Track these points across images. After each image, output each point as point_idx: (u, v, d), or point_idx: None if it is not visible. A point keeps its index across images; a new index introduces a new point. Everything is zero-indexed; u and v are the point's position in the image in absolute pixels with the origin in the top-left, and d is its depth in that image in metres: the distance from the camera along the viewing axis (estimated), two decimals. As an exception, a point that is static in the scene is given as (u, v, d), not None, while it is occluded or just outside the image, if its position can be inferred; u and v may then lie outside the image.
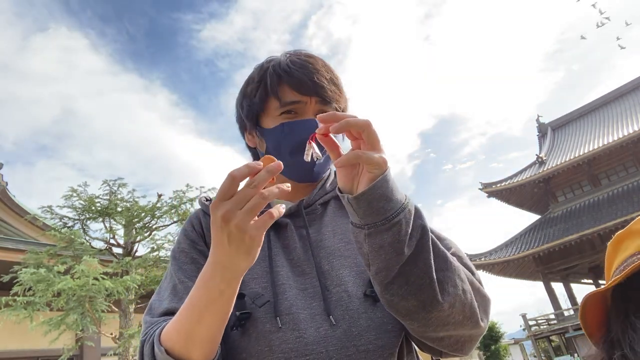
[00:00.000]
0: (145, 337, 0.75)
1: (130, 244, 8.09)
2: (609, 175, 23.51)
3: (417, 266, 0.66)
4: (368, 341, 0.75)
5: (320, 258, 0.85)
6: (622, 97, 26.00)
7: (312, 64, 0.89)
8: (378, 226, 0.63)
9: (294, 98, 0.87)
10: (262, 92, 0.90)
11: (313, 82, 0.86)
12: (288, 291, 0.80)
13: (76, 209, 7.80)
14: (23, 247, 8.00)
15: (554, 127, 28.20)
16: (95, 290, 6.46)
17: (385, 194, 0.63)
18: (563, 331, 21.40)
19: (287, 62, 0.89)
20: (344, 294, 0.80)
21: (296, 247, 0.87)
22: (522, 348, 28.95)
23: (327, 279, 0.82)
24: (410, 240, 0.65)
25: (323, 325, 0.76)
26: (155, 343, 0.69)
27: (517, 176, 24.58)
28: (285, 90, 0.88)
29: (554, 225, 22.87)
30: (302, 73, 0.87)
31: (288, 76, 0.87)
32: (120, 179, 8.08)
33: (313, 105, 0.88)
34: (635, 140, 21.00)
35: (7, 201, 11.48)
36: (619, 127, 22.76)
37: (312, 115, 0.88)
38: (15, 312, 6.48)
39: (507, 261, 22.46)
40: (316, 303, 0.79)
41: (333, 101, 0.89)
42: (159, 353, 0.68)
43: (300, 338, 0.75)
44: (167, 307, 0.80)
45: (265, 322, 0.77)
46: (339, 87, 0.92)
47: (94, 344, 8.11)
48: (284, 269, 0.84)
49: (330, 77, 0.90)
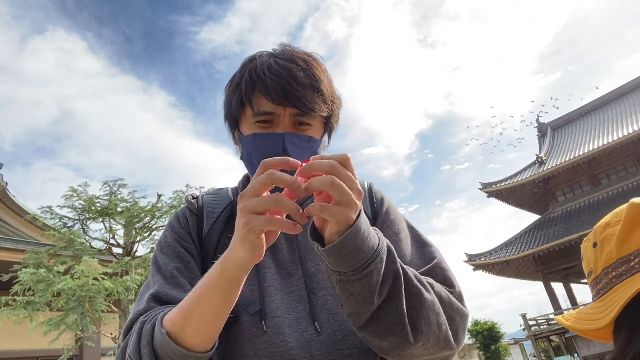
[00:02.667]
0: (145, 318, 0.73)
1: (130, 244, 8.09)
2: (609, 176, 23.50)
3: (389, 312, 0.65)
4: (352, 345, 0.76)
5: (307, 260, 0.85)
6: (622, 98, 25.99)
7: (288, 70, 0.82)
8: (349, 276, 0.61)
9: (267, 109, 0.83)
10: (238, 99, 0.87)
11: (287, 93, 0.80)
12: (274, 294, 0.80)
13: (76, 210, 7.80)
14: (23, 247, 8.00)
15: (554, 128, 28.19)
16: (95, 291, 6.46)
17: (355, 245, 0.59)
18: (563, 331, 21.37)
19: (264, 68, 0.83)
20: (329, 298, 0.80)
21: (283, 249, 0.86)
22: (522, 348, 28.94)
23: (314, 282, 0.82)
24: (382, 288, 0.64)
25: (308, 329, 0.77)
26: (157, 324, 0.69)
27: (517, 176, 24.57)
28: (260, 99, 0.83)
29: (554, 226, 22.85)
30: (276, 82, 0.81)
31: (262, 84, 0.82)
32: (121, 179, 8.10)
33: (288, 116, 0.83)
34: (635, 140, 20.98)
35: (7, 201, 11.47)
36: (619, 128, 22.74)
37: (289, 126, 0.84)
38: (15, 312, 6.48)
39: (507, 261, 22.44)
40: (302, 307, 0.79)
41: (312, 111, 0.83)
42: (159, 335, 0.67)
43: (285, 342, 0.75)
44: (154, 292, 0.79)
45: (252, 327, 0.77)
46: (322, 93, 0.85)
47: (94, 344, 8.10)
48: (271, 270, 0.83)
49: (311, 82, 0.83)
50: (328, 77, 0.89)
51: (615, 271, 0.62)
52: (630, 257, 0.60)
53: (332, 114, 0.90)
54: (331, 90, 0.89)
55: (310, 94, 0.83)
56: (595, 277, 0.66)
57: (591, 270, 0.68)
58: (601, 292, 0.64)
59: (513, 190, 24.50)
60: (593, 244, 0.68)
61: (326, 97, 0.86)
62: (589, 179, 23.88)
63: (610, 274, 0.63)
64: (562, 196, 24.98)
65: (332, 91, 0.89)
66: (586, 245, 0.72)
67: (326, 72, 0.89)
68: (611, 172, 23.43)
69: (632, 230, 0.61)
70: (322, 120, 0.90)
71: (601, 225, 0.69)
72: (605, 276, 0.64)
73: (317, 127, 0.89)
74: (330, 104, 0.88)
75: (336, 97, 0.91)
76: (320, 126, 0.90)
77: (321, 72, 0.87)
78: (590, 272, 0.68)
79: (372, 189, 0.98)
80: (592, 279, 0.68)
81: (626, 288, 0.59)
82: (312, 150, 0.87)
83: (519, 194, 25.04)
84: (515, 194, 25.07)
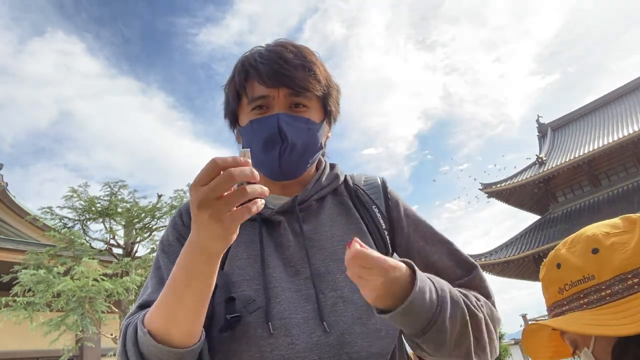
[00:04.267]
0: (129, 320, 0.73)
1: (130, 244, 8.08)
2: (609, 176, 23.48)
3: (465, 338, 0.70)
4: (361, 348, 0.74)
5: (316, 259, 0.82)
6: (622, 98, 25.97)
7: (278, 53, 0.82)
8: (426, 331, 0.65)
9: (260, 92, 0.83)
10: (233, 90, 0.87)
11: (278, 73, 0.81)
12: (281, 294, 0.78)
13: (76, 210, 7.79)
14: (23, 247, 7.98)
15: (554, 128, 28.17)
16: (95, 291, 6.46)
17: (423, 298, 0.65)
18: (563, 332, 21.32)
19: (255, 56, 0.84)
20: (339, 300, 0.78)
21: (290, 245, 0.84)
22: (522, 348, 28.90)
23: (323, 282, 0.80)
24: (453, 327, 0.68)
25: (316, 331, 0.75)
26: (139, 325, 0.68)
27: (517, 176, 24.55)
28: (254, 85, 0.84)
29: (554, 226, 22.83)
30: (267, 65, 0.81)
31: (254, 70, 0.83)
32: (121, 180, 8.09)
33: (282, 97, 0.82)
34: (635, 140, 20.97)
35: (7, 202, 11.47)
36: (619, 128, 22.73)
37: (284, 107, 0.83)
38: (15, 313, 6.48)
39: (507, 261, 22.43)
40: (310, 306, 0.77)
41: (306, 90, 0.83)
42: (141, 335, 0.67)
43: (292, 345, 0.73)
44: (142, 302, 0.78)
45: (257, 327, 0.74)
46: (314, 72, 0.84)
47: (94, 344, 8.10)
48: (277, 269, 0.81)
49: (302, 63, 0.83)
50: (321, 62, 0.88)
51: (637, 277, 0.63)
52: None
53: (327, 95, 0.88)
54: (325, 73, 0.88)
55: (302, 73, 0.82)
56: (600, 283, 0.66)
57: (589, 275, 0.67)
58: (613, 297, 0.64)
59: (513, 191, 24.48)
60: (592, 249, 0.68)
61: (318, 76, 0.85)
62: (589, 179, 23.87)
63: (630, 280, 0.63)
64: (562, 196, 24.97)
65: (325, 73, 0.88)
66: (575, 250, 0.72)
67: (319, 58, 0.88)
68: (611, 172, 23.41)
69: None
70: (319, 102, 0.88)
71: (598, 233, 0.70)
72: (620, 282, 0.64)
73: (315, 109, 0.87)
74: (325, 83, 0.86)
75: (331, 80, 0.90)
76: (318, 109, 0.88)
77: (312, 55, 0.86)
78: (586, 277, 0.68)
79: (385, 185, 0.96)
80: (590, 284, 0.67)
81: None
82: (310, 132, 0.85)
83: (519, 194, 25.02)
84: (516, 194, 25.05)
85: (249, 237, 0.84)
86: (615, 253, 0.66)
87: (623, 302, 0.63)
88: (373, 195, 0.92)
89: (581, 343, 0.69)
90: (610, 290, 0.65)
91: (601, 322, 0.62)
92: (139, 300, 0.80)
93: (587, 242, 0.70)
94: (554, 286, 0.73)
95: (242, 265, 0.81)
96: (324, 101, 0.89)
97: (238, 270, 0.80)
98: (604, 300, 0.65)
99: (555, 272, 0.73)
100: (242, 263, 0.81)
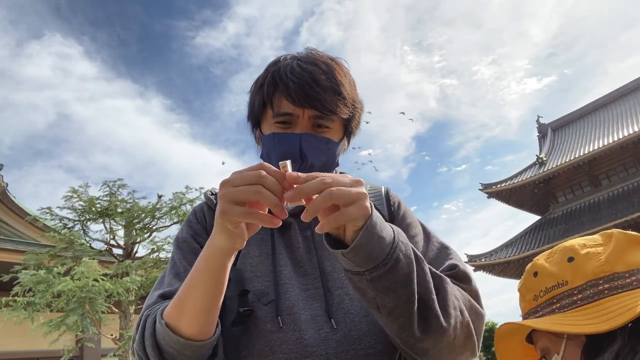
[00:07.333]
0: (149, 312, 0.76)
1: (130, 245, 8.09)
2: (609, 176, 23.49)
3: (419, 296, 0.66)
4: (368, 345, 0.76)
5: (323, 259, 0.85)
6: (622, 98, 25.99)
7: (310, 73, 0.83)
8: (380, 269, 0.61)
9: (286, 109, 0.85)
10: (260, 99, 0.89)
11: (306, 95, 0.82)
12: (290, 291, 0.81)
13: (76, 210, 7.79)
14: (23, 248, 7.99)
15: (554, 128, 28.19)
16: (95, 292, 6.46)
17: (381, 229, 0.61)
18: (563, 332, 21.33)
19: (287, 70, 0.85)
20: (345, 297, 0.80)
21: (299, 247, 0.87)
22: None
23: (330, 281, 0.82)
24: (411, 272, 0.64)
25: (324, 327, 0.77)
26: (158, 317, 0.71)
27: (517, 177, 24.57)
28: (281, 99, 0.86)
29: (554, 226, 22.85)
30: (297, 84, 0.82)
31: (284, 85, 0.84)
32: (120, 179, 8.09)
33: (306, 117, 0.85)
34: (635, 140, 20.98)
35: (7, 202, 11.48)
36: (619, 128, 22.74)
37: (307, 127, 0.85)
38: (15, 313, 6.48)
39: (507, 262, 22.45)
40: (318, 304, 0.80)
41: (332, 113, 0.85)
42: (159, 327, 0.69)
43: (301, 339, 0.75)
44: (162, 292, 0.81)
45: (267, 322, 0.77)
46: (342, 95, 0.85)
47: (94, 345, 8.10)
48: (287, 268, 0.84)
49: (332, 85, 0.84)
50: (350, 80, 0.90)
51: (608, 283, 0.67)
52: (625, 274, 0.67)
53: (352, 118, 0.91)
54: (352, 94, 0.90)
55: (331, 96, 0.84)
56: (572, 288, 0.69)
57: (563, 281, 0.71)
58: (584, 301, 0.67)
59: (513, 191, 24.50)
60: (568, 258, 0.72)
61: (347, 100, 0.87)
62: (589, 180, 23.88)
63: (600, 285, 0.67)
64: (562, 197, 24.98)
65: (353, 95, 0.90)
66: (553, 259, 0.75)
67: (348, 75, 0.90)
68: (611, 172, 23.42)
69: (622, 252, 0.69)
70: (342, 124, 0.91)
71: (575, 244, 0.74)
72: (591, 287, 0.67)
73: (336, 130, 0.90)
74: (351, 107, 0.89)
75: (357, 101, 0.92)
76: (339, 129, 0.91)
77: (343, 75, 0.88)
78: (560, 283, 0.71)
79: (389, 194, 0.99)
80: (564, 289, 0.70)
81: (622, 300, 0.64)
82: (329, 152, 0.88)
83: (519, 194, 25.03)
84: (516, 195, 25.07)
85: (260, 236, 0.88)
86: (589, 261, 0.70)
87: (593, 305, 0.66)
88: (376, 202, 0.95)
89: (552, 350, 0.71)
90: (581, 295, 0.68)
91: (569, 322, 0.65)
92: (157, 292, 0.82)
93: (563, 252, 0.74)
94: (530, 294, 0.76)
95: (254, 262, 0.85)
96: (348, 123, 0.92)
97: (250, 267, 0.84)
98: (575, 304, 0.68)
99: (532, 281, 0.76)
100: (254, 260, 0.85)
